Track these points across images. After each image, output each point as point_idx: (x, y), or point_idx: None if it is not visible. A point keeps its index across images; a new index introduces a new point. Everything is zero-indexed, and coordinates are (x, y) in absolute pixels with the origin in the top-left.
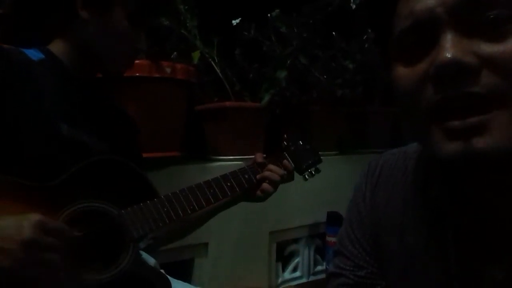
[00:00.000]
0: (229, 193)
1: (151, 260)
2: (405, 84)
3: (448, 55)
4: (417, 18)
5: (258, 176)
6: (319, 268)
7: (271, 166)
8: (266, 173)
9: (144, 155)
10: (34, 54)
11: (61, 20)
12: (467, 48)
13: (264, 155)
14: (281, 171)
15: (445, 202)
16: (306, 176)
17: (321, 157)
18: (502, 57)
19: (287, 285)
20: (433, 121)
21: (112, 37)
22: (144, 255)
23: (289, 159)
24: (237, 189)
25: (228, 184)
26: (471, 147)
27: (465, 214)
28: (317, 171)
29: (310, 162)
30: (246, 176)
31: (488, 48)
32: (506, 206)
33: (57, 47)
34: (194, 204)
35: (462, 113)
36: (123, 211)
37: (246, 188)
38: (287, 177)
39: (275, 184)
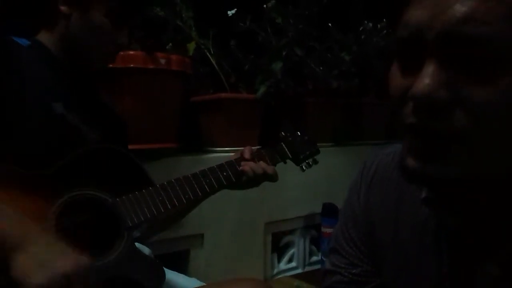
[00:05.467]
0: (224, 183)
1: (145, 250)
2: (395, 90)
3: (424, 87)
4: (409, 33)
5: (240, 169)
6: (314, 258)
7: (251, 164)
8: (245, 168)
9: (140, 146)
10: (22, 41)
11: (45, 13)
12: (446, 82)
13: (259, 147)
14: (258, 170)
15: (435, 201)
16: (304, 167)
17: None
18: (477, 100)
19: (282, 275)
20: (406, 132)
21: (91, 32)
22: (139, 245)
23: (286, 149)
24: (233, 178)
25: (224, 173)
26: (422, 170)
27: (455, 212)
28: (315, 162)
29: (307, 153)
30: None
31: (466, 87)
32: (487, 210)
33: (43, 38)
34: (189, 193)
35: (425, 137)
36: (118, 199)
37: (241, 178)
38: (266, 178)
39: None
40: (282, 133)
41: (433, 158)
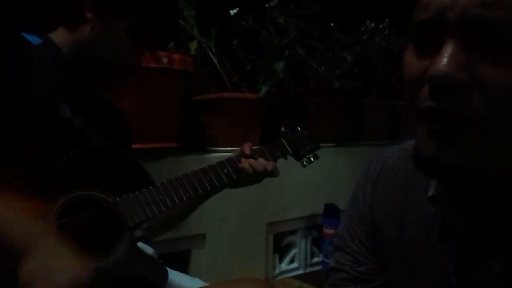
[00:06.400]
0: (225, 180)
1: (149, 250)
2: (411, 73)
3: (443, 68)
4: (429, 15)
5: (240, 166)
6: (315, 259)
7: (251, 161)
8: (245, 165)
9: (141, 146)
10: (33, 39)
11: (67, 15)
12: (465, 64)
13: (259, 147)
14: (258, 166)
15: (441, 200)
16: (304, 163)
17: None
18: (496, 83)
19: (283, 276)
20: (421, 119)
21: (110, 44)
22: (142, 245)
23: (287, 145)
24: (234, 175)
25: (225, 171)
26: (440, 156)
27: (461, 211)
28: (316, 157)
29: (308, 148)
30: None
31: (485, 70)
32: (493, 208)
33: (58, 37)
34: (190, 191)
35: (442, 120)
36: (118, 199)
37: (242, 175)
38: (266, 174)
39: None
40: (282, 129)
41: (450, 144)
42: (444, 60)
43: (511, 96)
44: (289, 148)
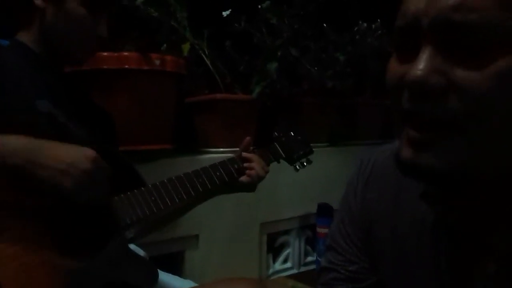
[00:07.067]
0: (217, 182)
1: (140, 252)
2: (392, 78)
3: (418, 72)
4: (406, 21)
5: (246, 172)
6: (309, 259)
7: (254, 165)
8: (252, 173)
9: (134, 148)
10: (2, 42)
11: (20, 11)
12: (440, 68)
13: (252, 147)
14: (262, 172)
15: (433, 197)
16: (297, 167)
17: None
18: (471, 86)
19: (277, 276)
20: (404, 122)
21: (69, 24)
22: (133, 246)
23: (280, 149)
24: (226, 178)
25: (217, 173)
26: (417, 160)
27: (453, 209)
28: (309, 162)
29: (301, 153)
30: (236, 166)
31: (460, 73)
32: (485, 208)
33: (23, 37)
34: (182, 192)
35: (421, 126)
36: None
37: (235, 178)
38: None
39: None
40: (275, 133)
41: (427, 147)
42: (419, 65)
43: (485, 98)
44: (282, 152)
